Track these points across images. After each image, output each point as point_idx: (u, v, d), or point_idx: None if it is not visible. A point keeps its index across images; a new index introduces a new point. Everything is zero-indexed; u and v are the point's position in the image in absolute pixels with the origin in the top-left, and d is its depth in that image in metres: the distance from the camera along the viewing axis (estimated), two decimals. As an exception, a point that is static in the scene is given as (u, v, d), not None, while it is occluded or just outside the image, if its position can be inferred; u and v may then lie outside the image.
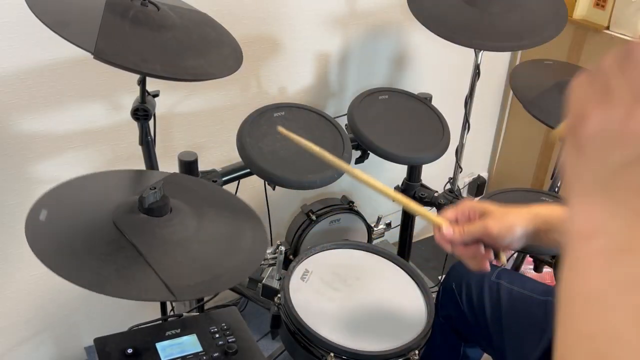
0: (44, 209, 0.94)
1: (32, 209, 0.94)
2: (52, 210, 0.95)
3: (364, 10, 1.86)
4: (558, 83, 1.61)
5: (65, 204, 1.00)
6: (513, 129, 2.46)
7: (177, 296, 0.87)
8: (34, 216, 0.92)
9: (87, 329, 1.77)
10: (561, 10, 1.61)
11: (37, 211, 0.93)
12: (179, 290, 0.88)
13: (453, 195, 1.78)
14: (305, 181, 1.36)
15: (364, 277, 1.28)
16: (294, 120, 1.49)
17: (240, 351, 1.03)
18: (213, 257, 0.98)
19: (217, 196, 1.19)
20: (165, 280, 0.88)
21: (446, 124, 1.65)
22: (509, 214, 0.91)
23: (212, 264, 0.96)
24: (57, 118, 1.47)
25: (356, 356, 1.09)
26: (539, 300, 1.18)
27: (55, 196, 1.00)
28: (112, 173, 1.15)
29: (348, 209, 1.73)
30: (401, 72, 2.07)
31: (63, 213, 0.97)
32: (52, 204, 0.97)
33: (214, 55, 1.20)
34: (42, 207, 0.94)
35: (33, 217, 0.92)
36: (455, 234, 0.91)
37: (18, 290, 1.60)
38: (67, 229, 0.95)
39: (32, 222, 0.91)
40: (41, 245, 0.88)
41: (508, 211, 0.92)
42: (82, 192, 1.06)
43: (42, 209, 0.94)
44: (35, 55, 1.38)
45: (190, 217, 1.03)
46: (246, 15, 1.63)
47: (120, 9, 1.10)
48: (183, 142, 1.69)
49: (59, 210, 0.97)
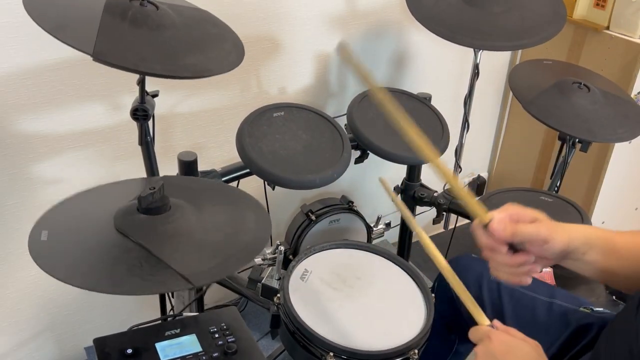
0: (43, 230, 0.95)
1: (32, 232, 0.95)
2: (52, 229, 0.96)
3: (364, 10, 1.86)
4: (558, 83, 1.61)
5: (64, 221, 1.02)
6: (513, 129, 2.45)
7: (195, 282, 0.89)
8: (35, 238, 0.94)
9: (86, 329, 1.77)
10: (561, 10, 1.62)
11: (38, 233, 0.95)
12: (195, 277, 0.90)
13: (453, 195, 1.78)
14: (305, 181, 1.36)
15: (364, 277, 1.28)
16: (294, 120, 1.49)
17: (240, 351, 1.03)
18: (220, 241, 1.00)
19: (214, 189, 1.21)
20: (179, 270, 0.90)
21: (446, 123, 1.65)
22: (563, 225, 0.87)
23: (221, 248, 0.98)
24: (57, 118, 1.48)
25: (355, 356, 1.09)
26: (543, 301, 1.16)
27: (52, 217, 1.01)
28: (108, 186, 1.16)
29: (348, 208, 1.73)
30: (401, 72, 2.07)
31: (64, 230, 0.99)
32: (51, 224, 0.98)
33: (215, 51, 1.20)
34: (41, 229, 0.95)
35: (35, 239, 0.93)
36: (508, 230, 0.84)
37: (18, 290, 1.61)
38: (72, 243, 0.96)
39: (35, 244, 0.93)
40: (50, 262, 0.89)
41: (560, 223, 0.87)
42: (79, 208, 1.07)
43: (42, 230, 0.95)
44: (36, 55, 1.38)
45: (190, 211, 1.03)
46: (246, 15, 1.63)
47: (119, 10, 1.10)
48: (183, 142, 1.70)
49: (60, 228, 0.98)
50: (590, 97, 1.57)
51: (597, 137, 1.54)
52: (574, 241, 0.87)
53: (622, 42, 1.94)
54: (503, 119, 2.47)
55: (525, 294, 1.18)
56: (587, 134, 1.53)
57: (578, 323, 1.09)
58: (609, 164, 2.06)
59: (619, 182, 2.15)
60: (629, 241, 0.91)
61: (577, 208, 1.51)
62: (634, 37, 1.92)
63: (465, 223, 2.07)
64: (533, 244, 0.85)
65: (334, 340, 1.10)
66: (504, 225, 0.84)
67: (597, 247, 0.89)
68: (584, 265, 0.90)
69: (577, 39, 2.07)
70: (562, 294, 1.18)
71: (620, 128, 1.55)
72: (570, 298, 1.17)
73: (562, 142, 1.68)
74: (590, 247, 0.89)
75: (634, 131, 1.56)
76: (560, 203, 1.54)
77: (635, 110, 1.63)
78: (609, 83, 1.72)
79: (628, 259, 0.89)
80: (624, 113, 1.60)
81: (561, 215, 1.50)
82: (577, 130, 1.53)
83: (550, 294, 1.17)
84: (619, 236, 0.91)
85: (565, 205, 1.53)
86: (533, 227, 0.85)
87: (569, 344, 1.09)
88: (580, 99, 1.56)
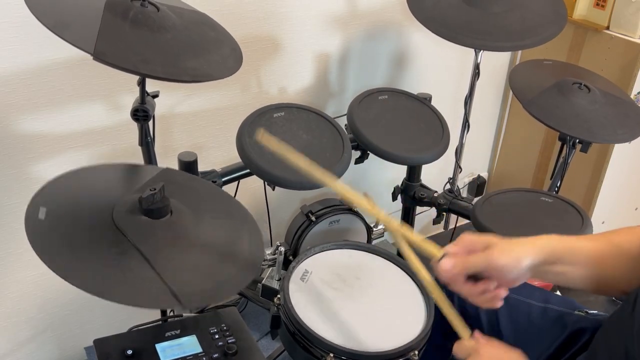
0: (42, 207, 0.92)
1: (30, 207, 0.92)
2: (50, 207, 0.93)
3: (364, 10, 1.86)
4: (558, 83, 1.60)
5: (63, 199, 0.99)
6: (513, 129, 2.46)
7: (185, 304, 0.87)
8: (33, 214, 0.91)
9: (87, 329, 1.77)
10: (561, 10, 1.61)
11: (36, 209, 0.92)
12: (186, 297, 0.88)
13: (453, 196, 1.78)
14: (305, 181, 1.36)
15: (364, 277, 1.28)
16: (294, 120, 1.49)
17: (240, 352, 1.03)
18: (214, 263, 0.98)
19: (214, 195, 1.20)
20: (171, 286, 0.88)
21: (446, 124, 1.65)
22: (514, 245, 0.87)
23: (214, 271, 0.96)
24: (57, 118, 1.47)
25: (355, 356, 1.09)
26: (537, 306, 1.16)
27: (51, 192, 0.98)
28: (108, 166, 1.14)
29: (347, 209, 1.73)
30: (401, 72, 2.07)
31: (62, 209, 0.96)
32: (49, 201, 0.95)
33: (214, 55, 1.20)
34: (39, 205, 0.92)
35: (32, 216, 0.91)
36: (457, 266, 0.85)
37: (18, 290, 1.61)
38: (68, 226, 0.93)
39: (32, 222, 0.90)
40: (43, 245, 0.87)
41: (513, 242, 0.87)
42: (79, 186, 1.05)
43: (40, 206, 0.92)
44: (36, 55, 1.38)
45: (189, 218, 1.03)
46: (246, 15, 1.63)
47: (120, 10, 1.10)
48: (183, 142, 1.70)
49: (58, 206, 0.95)
50: (590, 97, 1.57)
51: (597, 138, 1.54)
52: (537, 256, 0.87)
53: (622, 42, 1.94)
54: (503, 119, 2.47)
55: (520, 300, 1.17)
56: (587, 135, 1.53)
57: (573, 326, 1.09)
58: (609, 164, 2.06)
59: (619, 182, 2.15)
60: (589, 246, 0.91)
61: (577, 208, 1.51)
62: (634, 37, 1.92)
63: (465, 223, 2.07)
64: (489, 272, 0.86)
65: (334, 340, 1.10)
66: (452, 263, 0.86)
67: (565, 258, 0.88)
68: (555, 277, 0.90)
69: (577, 39, 2.07)
70: (557, 299, 1.18)
71: (620, 128, 1.55)
72: (565, 302, 1.17)
73: (562, 142, 1.68)
74: (557, 259, 0.88)
75: (634, 132, 1.56)
76: (560, 203, 1.54)
77: (635, 110, 1.63)
78: (608, 83, 1.72)
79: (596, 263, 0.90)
80: (624, 113, 1.60)
81: (561, 215, 1.50)
82: (577, 131, 1.53)
83: (545, 299, 1.17)
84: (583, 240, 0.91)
85: (565, 205, 1.53)
86: (482, 257, 0.85)
87: (564, 347, 1.09)
88: (580, 99, 1.57)
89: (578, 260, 0.90)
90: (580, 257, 0.90)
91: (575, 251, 0.90)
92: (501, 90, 2.41)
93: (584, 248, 0.91)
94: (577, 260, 0.90)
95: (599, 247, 0.91)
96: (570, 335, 1.09)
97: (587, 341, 1.06)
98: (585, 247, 0.91)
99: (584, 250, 0.90)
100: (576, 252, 0.90)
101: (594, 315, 1.11)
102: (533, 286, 1.23)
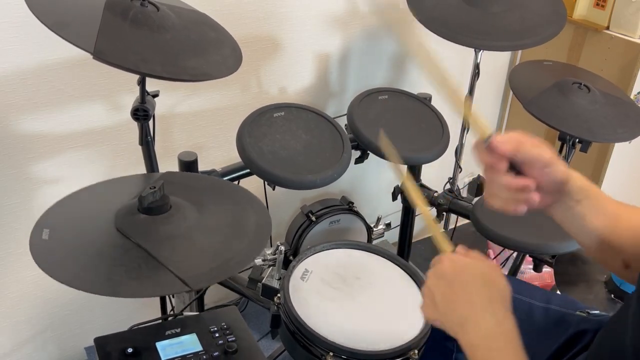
0: (45, 229, 0.95)
1: (34, 230, 0.95)
2: (53, 227, 0.96)
3: (364, 10, 1.86)
4: (558, 83, 1.61)
5: (66, 219, 1.01)
6: (513, 129, 2.45)
7: (192, 285, 0.88)
8: (37, 237, 0.94)
9: (87, 328, 1.77)
10: (561, 10, 1.62)
11: (39, 231, 0.95)
12: (193, 279, 0.89)
13: (453, 195, 1.78)
14: (305, 181, 1.36)
15: (364, 276, 1.28)
16: (294, 120, 1.49)
17: (240, 350, 1.03)
18: (220, 243, 1.00)
19: (215, 187, 1.21)
20: (177, 273, 0.89)
21: (446, 124, 1.65)
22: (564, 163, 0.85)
23: (220, 250, 0.98)
24: (57, 118, 1.48)
25: (355, 356, 1.09)
26: (538, 306, 1.15)
27: (54, 214, 1.01)
28: (109, 182, 1.16)
29: (348, 209, 1.73)
30: (401, 72, 2.07)
31: (65, 228, 0.99)
32: (52, 222, 0.98)
33: (214, 55, 1.20)
34: (43, 227, 0.95)
35: (36, 238, 0.93)
36: (511, 142, 0.80)
37: (18, 290, 1.61)
38: (72, 243, 0.96)
39: (37, 242, 0.93)
40: (49, 262, 0.89)
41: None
42: (81, 206, 1.07)
43: (44, 228, 0.95)
44: (36, 55, 1.38)
45: (190, 211, 1.03)
46: (246, 15, 1.63)
47: (120, 10, 1.10)
48: (183, 142, 1.70)
49: (61, 226, 0.98)
50: (590, 97, 1.57)
51: (597, 137, 1.54)
52: (573, 180, 0.85)
53: (622, 42, 1.94)
54: (503, 118, 2.47)
55: (522, 300, 1.16)
56: (587, 134, 1.53)
57: (575, 327, 1.09)
58: (609, 164, 2.06)
59: (619, 181, 2.15)
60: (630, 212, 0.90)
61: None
62: (634, 37, 1.92)
63: (465, 223, 2.07)
64: (534, 167, 0.82)
65: (334, 340, 1.10)
66: (507, 138, 0.81)
67: (591, 200, 0.87)
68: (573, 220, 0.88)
69: (577, 39, 2.07)
70: (559, 299, 1.17)
71: (620, 128, 1.55)
72: (567, 302, 1.17)
73: (562, 142, 1.68)
74: (585, 197, 0.87)
75: (634, 131, 1.56)
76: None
77: (635, 110, 1.63)
78: (608, 83, 1.73)
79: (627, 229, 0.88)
80: (623, 113, 1.60)
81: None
82: (577, 130, 1.53)
83: (546, 300, 1.16)
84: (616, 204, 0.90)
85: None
86: (536, 149, 0.82)
87: (566, 348, 1.09)
88: (580, 99, 1.57)
89: (598, 209, 0.88)
90: (601, 207, 0.89)
91: (600, 199, 0.89)
92: (501, 90, 2.41)
93: (606, 200, 0.90)
94: (598, 208, 0.88)
95: (619, 208, 0.90)
96: (571, 335, 1.09)
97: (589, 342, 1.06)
98: (608, 201, 0.90)
99: (606, 202, 0.89)
100: (600, 200, 0.89)
101: (596, 316, 1.11)
102: (534, 286, 1.23)
